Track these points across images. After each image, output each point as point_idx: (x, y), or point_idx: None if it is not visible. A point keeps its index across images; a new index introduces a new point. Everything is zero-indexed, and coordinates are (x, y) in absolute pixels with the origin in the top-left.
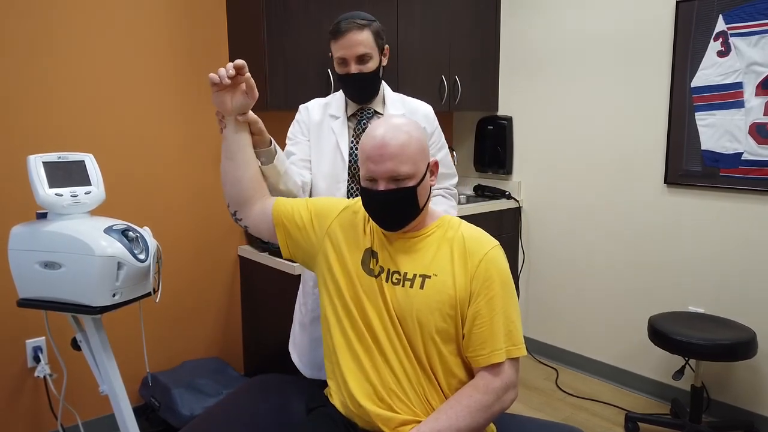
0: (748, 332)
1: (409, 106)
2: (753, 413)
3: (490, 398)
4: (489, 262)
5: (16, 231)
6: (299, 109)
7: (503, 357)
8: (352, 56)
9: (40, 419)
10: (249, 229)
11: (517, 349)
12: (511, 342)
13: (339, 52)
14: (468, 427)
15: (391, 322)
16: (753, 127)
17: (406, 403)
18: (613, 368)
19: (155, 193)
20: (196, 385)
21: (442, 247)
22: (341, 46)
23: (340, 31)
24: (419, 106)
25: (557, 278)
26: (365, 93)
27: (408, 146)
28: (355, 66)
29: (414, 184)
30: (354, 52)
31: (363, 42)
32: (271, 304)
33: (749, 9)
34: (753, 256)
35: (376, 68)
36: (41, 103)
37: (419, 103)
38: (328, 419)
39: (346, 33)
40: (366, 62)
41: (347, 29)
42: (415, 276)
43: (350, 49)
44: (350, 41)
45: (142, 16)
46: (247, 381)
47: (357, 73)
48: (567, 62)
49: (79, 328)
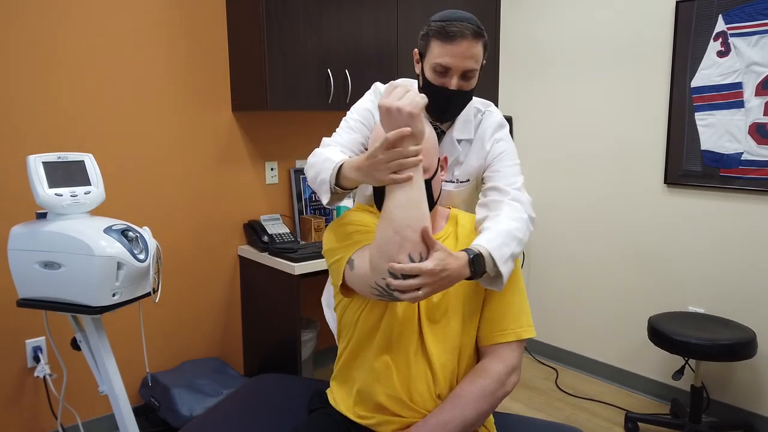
0: (748, 332)
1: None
2: (753, 413)
3: (494, 384)
4: None
5: (15, 231)
6: (377, 91)
7: (511, 337)
8: (460, 69)
9: (40, 419)
10: None
11: (524, 331)
12: (518, 324)
13: (444, 58)
14: (474, 414)
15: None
16: (753, 127)
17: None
18: (613, 368)
19: (155, 193)
20: (195, 385)
21: (461, 243)
22: (451, 52)
23: (455, 36)
24: (486, 124)
25: (557, 278)
26: (452, 113)
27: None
28: (458, 81)
29: (428, 176)
30: (465, 65)
31: (476, 56)
32: (271, 304)
33: (749, 9)
34: (753, 256)
35: (474, 87)
36: (41, 103)
37: (488, 118)
38: (328, 419)
39: (461, 39)
40: (469, 79)
41: (463, 35)
42: None
43: (461, 60)
44: (464, 51)
45: (143, 16)
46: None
47: (455, 90)
48: (567, 62)
49: (79, 328)
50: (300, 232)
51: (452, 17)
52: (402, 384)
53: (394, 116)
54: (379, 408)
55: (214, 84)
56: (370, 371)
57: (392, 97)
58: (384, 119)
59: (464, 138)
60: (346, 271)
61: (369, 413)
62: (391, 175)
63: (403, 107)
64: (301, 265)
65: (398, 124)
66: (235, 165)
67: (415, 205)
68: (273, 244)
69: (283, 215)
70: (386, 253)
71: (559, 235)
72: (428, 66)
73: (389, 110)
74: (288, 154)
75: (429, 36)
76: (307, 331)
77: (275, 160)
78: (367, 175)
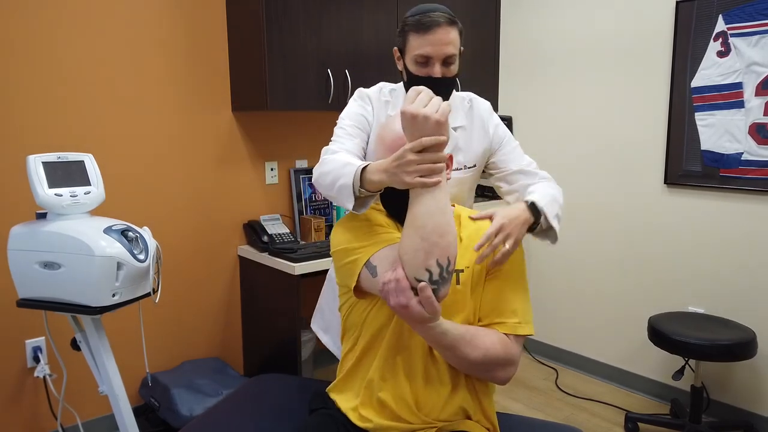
0: (748, 332)
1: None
2: (753, 413)
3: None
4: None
5: (15, 231)
6: (364, 96)
7: (511, 330)
8: (440, 56)
9: (40, 419)
10: None
11: (522, 327)
12: (517, 320)
13: (424, 48)
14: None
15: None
16: (753, 127)
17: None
18: (613, 368)
19: (155, 193)
20: (195, 385)
21: (466, 241)
22: (429, 42)
23: (430, 25)
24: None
25: (557, 278)
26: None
27: None
28: (441, 68)
29: None
30: (443, 51)
31: (453, 41)
32: (271, 304)
33: (749, 9)
34: (753, 256)
35: (456, 73)
36: (41, 103)
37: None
38: (329, 420)
39: (436, 28)
40: (450, 65)
41: (438, 23)
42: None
43: (439, 48)
44: (441, 38)
45: (142, 16)
46: (247, 381)
47: (440, 78)
48: (567, 62)
49: (79, 329)
50: (300, 232)
51: (424, 10)
52: (410, 384)
53: (419, 123)
54: (384, 409)
55: (214, 84)
56: (379, 370)
57: (417, 103)
58: (408, 126)
59: (459, 125)
60: (364, 274)
61: (373, 416)
62: (419, 178)
63: (431, 115)
64: (301, 265)
65: (424, 131)
66: (235, 165)
67: (441, 211)
68: (273, 244)
69: (283, 215)
70: (415, 260)
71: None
72: (410, 60)
73: (415, 117)
74: (288, 154)
75: (406, 31)
76: (307, 331)
77: (275, 160)
78: (394, 176)
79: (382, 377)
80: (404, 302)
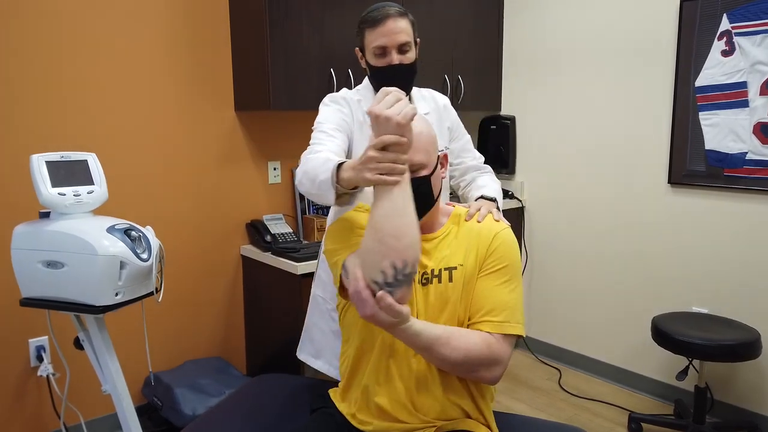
0: (752, 333)
1: (432, 99)
2: (757, 414)
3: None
4: (499, 240)
5: (19, 230)
6: (337, 99)
7: (497, 329)
8: (394, 44)
9: (43, 418)
10: None
11: (511, 326)
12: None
13: (378, 40)
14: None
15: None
16: (757, 126)
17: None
18: (616, 368)
19: (158, 193)
20: (198, 384)
21: (460, 239)
22: (381, 33)
23: (379, 19)
24: (438, 98)
25: (560, 278)
26: (406, 86)
27: (420, 136)
28: (397, 56)
29: (428, 173)
30: (396, 40)
31: (404, 30)
32: (273, 304)
33: (753, 8)
34: (757, 256)
35: (415, 60)
36: (44, 103)
37: (438, 95)
38: (330, 419)
39: (385, 21)
40: (406, 52)
41: (386, 16)
42: (441, 270)
43: (392, 37)
44: (391, 29)
45: (145, 16)
46: (250, 381)
47: (399, 64)
48: (570, 61)
49: (82, 328)
50: (303, 231)
51: (375, 8)
52: (405, 387)
53: (382, 124)
54: (382, 413)
55: (217, 84)
56: (373, 375)
57: (382, 104)
58: (373, 125)
59: (426, 112)
60: (343, 276)
61: (372, 419)
62: (378, 176)
63: (392, 116)
64: (303, 265)
65: (387, 131)
66: (237, 164)
67: (399, 213)
68: (276, 244)
69: (285, 215)
70: (371, 262)
71: (562, 235)
72: (369, 54)
73: (378, 118)
74: (291, 153)
75: (362, 29)
76: None
77: (278, 160)
78: (359, 173)
79: (377, 382)
80: (369, 313)
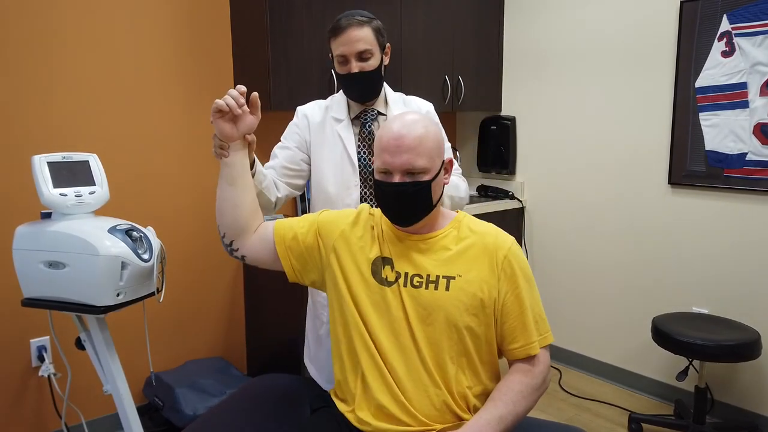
0: (753, 333)
1: (410, 105)
2: (757, 414)
3: (538, 380)
4: (512, 257)
5: (20, 231)
6: (296, 112)
7: (537, 349)
8: (352, 53)
9: (44, 418)
10: (246, 259)
11: (544, 339)
12: (539, 333)
13: (339, 49)
14: (525, 410)
15: (410, 329)
16: (757, 127)
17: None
18: (616, 369)
19: (159, 193)
20: (199, 384)
21: (461, 247)
22: (341, 42)
23: (340, 28)
24: (421, 105)
25: (561, 279)
26: (367, 92)
27: (425, 140)
28: (357, 64)
29: (429, 179)
30: (354, 48)
31: (363, 38)
32: (274, 304)
33: (754, 9)
34: (757, 256)
35: (377, 66)
36: (45, 104)
37: (421, 102)
38: (331, 419)
39: (346, 29)
40: (367, 59)
41: (347, 26)
42: (439, 277)
43: (350, 46)
44: (350, 38)
45: (146, 16)
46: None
47: (358, 72)
48: (571, 62)
49: (83, 328)
50: None
51: (341, 16)
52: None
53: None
54: (381, 413)
55: (217, 84)
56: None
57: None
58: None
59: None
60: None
61: (370, 419)
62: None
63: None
64: None
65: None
66: None
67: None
68: None
69: (286, 215)
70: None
71: (562, 236)
72: (335, 62)
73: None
74: None
75: (328, 38)
76: None
77: None
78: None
79: (374, 382)
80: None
